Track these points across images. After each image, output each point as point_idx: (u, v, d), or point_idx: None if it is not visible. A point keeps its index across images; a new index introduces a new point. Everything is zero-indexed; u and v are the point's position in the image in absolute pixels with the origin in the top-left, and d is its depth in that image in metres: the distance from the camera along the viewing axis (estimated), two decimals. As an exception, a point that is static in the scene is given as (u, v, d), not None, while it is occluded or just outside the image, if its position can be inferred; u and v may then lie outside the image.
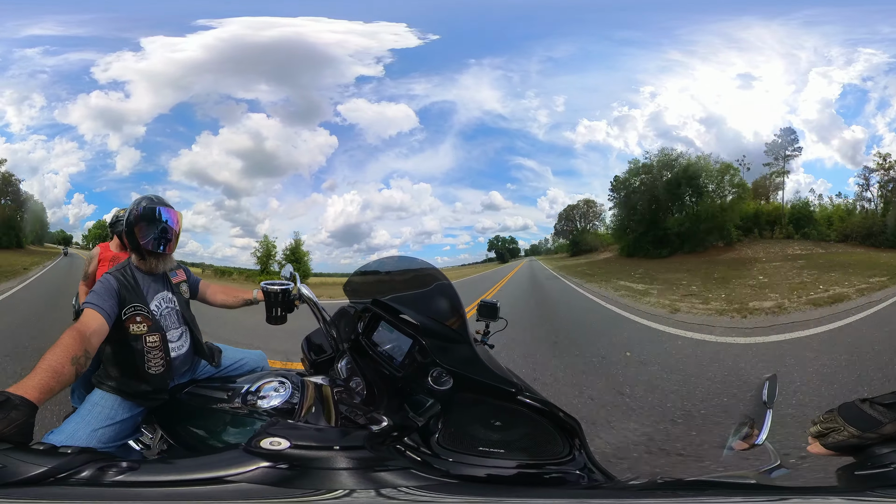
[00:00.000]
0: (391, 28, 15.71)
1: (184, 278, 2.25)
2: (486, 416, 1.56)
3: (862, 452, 1.16)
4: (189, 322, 2.17)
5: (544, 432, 1.54)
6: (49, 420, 2.76)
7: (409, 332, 1.73)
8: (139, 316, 1.95)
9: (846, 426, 1.18)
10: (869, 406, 1.17)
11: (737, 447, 1.40)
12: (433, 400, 1.58)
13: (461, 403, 1.56)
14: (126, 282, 1.98)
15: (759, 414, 1.42)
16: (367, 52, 16.09)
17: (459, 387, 1.56)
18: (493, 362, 1.70)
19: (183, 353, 2.12)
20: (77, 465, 1.10)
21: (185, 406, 2.06)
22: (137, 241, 2.04)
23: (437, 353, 1.61)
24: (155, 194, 2.16)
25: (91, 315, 1.76)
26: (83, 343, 1.58)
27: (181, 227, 2.15)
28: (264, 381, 1.97)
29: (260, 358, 2.39)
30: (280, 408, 1.85)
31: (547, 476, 1.50)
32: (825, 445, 1.21)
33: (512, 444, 1.53)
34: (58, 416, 2.95)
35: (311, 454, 1.30)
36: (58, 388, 1.39)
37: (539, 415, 1.54)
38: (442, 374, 1.59)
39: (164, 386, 2.04)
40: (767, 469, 1.31)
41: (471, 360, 1.62)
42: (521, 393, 1.55)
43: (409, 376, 1.66)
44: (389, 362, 1.75)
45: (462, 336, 1.66)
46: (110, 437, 1.90)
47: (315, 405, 1.81)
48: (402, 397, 1.66)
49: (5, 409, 1.15)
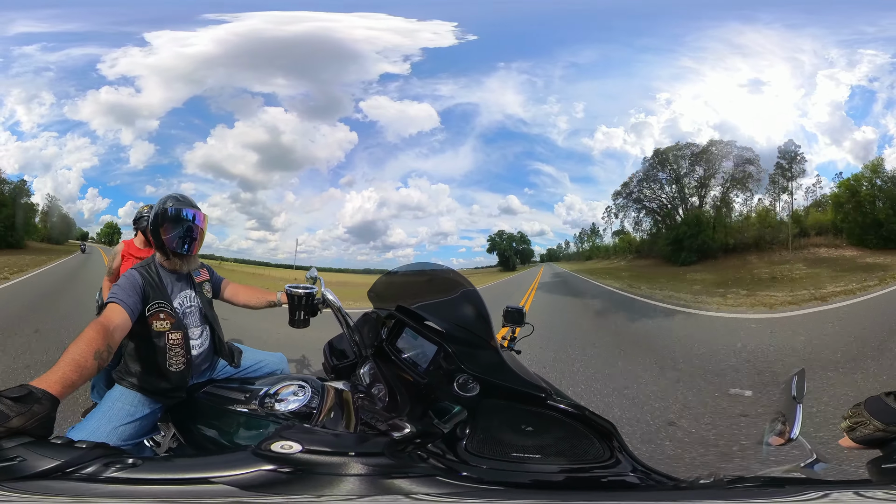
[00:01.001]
0: (439, 26, 15.72)
1: (207, 278, 2.25)
2: (516, 422, 1.53)
3: (888, 446, 1.16)
4: (211, 322, 2.17)
5: (580, 436, 1.50)
6: (67, 412, 2.77)
7: (434, 339, 1.71)
8: (163, 313, 1.96)
9: (871, 420, 1.18)
10: (893, 400, 1.18)
11: (773, 443, 1.39)
12: (460, 406, 1.54)
13: (489, 409, 1.52)
14: (150, 278, 1.99)
15: (790, 409, 1.41)
16: (395, 50, 16.05)
17: (487, 393, 1.53)
18: (521, 368, 1.67)
19: (203, 352, 2.12)
20: (88, 459, 1.10)
21: (201, 405, 2.04)
22: (162, 241, 2.05)
23: (463, 359, 1.59)
24: (181, 193, 2.17)
25: (114, 310, 1.77)
26: (106, 337, 1.58)
27: (206, 227, 2.16)
28: (284, 385, 1.95)
29: (280, 361, 2.37)
30: (298, 412, 1.82)
31: (604, 480, 1.46)
32: (853, 439, 1.22)
33: (547, 448, 1.49)
34: (75, 410, 3.00)
35: (322, 459, 1.27)
36: (80, 382, 1.39)
37: (571, 419, 1.51)
38: (468, 380, 1.56)
39: (184, 384, 2.04)
40: (808, 463, 1.31)
41: (498, 365, 1.59)
42: (552, 397, 1.52)
43: (434, 383, 1.63)
44: (414, 369, 1.73)
45: (488, 342, 1.64)
46: (131, 434, 1.90)
47: (335, 410, 1.78)
48: (426, 404, 1.63)
49: (28, 403, 1.14)
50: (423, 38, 15.99)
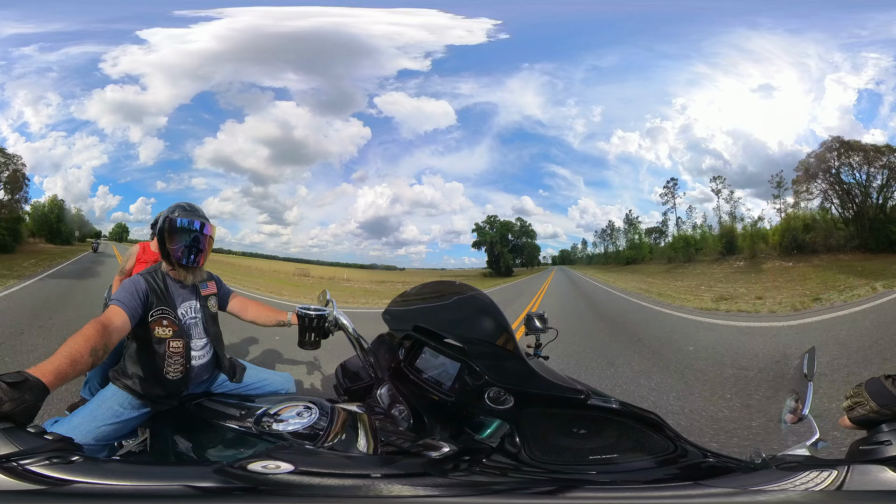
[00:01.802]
0: (476, 24, 15.71)
1: (214, 291, 2.19)
2: (566, 426, 1.53)
3: (875, 427, 1.17)
4: (212, 336, 2.10)
5: (635, 431, 1.53)
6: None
7: (455, 356, 1.70)
8: (166, 320, 1.93)
9: (869, 401, 1.19)
10: (892, 383, 1.18)
11: (789, 420, 1.43)
12: (499, 420, 1.52)
13: (532, 418, 1.51)
14: (156, 285, 1.96)
15: (802, 387, 1.44)
16: (417, 46, 16.05)
17: (522, 403, 1.53)
18: (553, 373, 1.69)
19: (203, 364, 2.06)
20: (42, 451, 1.10)
21: (188, 416, 1.96)
22: (168, 250, 2.01)
23: (490, 372, 1.59)
24: (190, 203, 2.12)
25: (115, 312, 1.77)
26: (104, 337, 1.60)
27: (214, 239, 2.10)
28: (288, 405, 1.86)
29: (286, 380, 2.25)
30: (300, 433, 1.71)
31: (704, 467, 1.46)
32: (850, 419, 1.22)
33: (615, 447, 1.51)
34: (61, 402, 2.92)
35: (320, 482, 1.19)
36: (73, 375, 1.41)
37: (617, 415, 1.54)
38: (500, 393, 1.56)
39: (179, 392, 2.00)
40: (813, 442, 1.33)
41: (528, 374, 1.61)
42: (591, 397, 1.54)
43: (463, 400, 1.62)
44: (438, 387, 1.71)
45: (512, 352, 1.65)
46: (108, 435, 1.86)
47: (347, 432, 1.70)
48: (459, 421, 1.59)
49: (21, 390, 1.17)
50: (452, 35, 15.97)
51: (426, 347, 1.86)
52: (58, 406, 2.86)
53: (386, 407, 1.82)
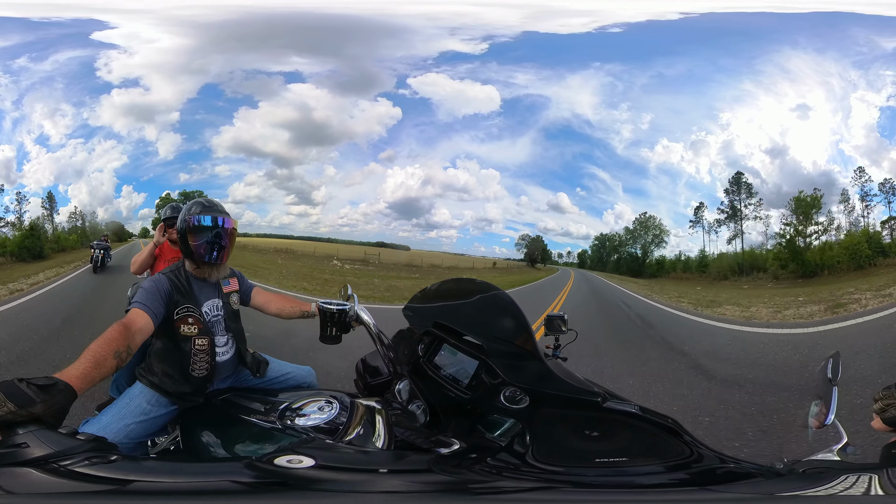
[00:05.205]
0: (570, 20, 15.36)
1: (236, 288, 2.21)
2: (578, 428, 1.53)
3: None
4: (235, 333, 2.13)
5: (651, 435, 1.49)
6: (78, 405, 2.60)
7: (474, 354, 1.70)
8: (191, 318, 1.96)
9: None
10: None
11: (813, 426, 1.41)
12: (513, 419, 1.52)
13: (545, 419, 1.51)
14: (179, 283, 1.98)
15: (826, 392, 1.41)
16: (473, 28, 15.52)
17: (537, 403, 1.53)
18: (570, 375, 1.68)
19: (227, 360, 2.09)
20: (78, 452, 1.14)
21: (216, 412, 1.99)
22: (190, 248, 2.02)
23: (507, 372, 1.60)
24: (209, 199, 2.13)
25: (138, 314, 1.80)
26: (127, 339, 1.63)
27: (237, 232, 2.13)
28: (310, 400, 1.89)
29: (308, 374, 2.30)
30: (321, 427, 1.75)
31: (720, 472, 1.44)
32: (884, 421, 1.22)
33: (625, 451, 1.49)
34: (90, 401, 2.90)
35: (341, 476, 1.24)
36: (98, 378, 1.45)
37: (633, 419, 1.53)
38: (516, 392, 1.56)
39: (204, 389, 2.03)
40: (842, 447, 1.32)
41: (545, 375, 1.60)
42: (607, 400, 1.52)
43: (479, 398, 1.62)
44: (455, 385, 1.72)
45: (531, 352, 1.65)
46: (139, 433, 1.89)
47: (365, 427, 1.73)
48: (473, 419, 1.60)
49: (51, 393, 1.20)
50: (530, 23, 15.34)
51: (445, 344, 1.87)
52: (88, 406, 2.87)
53: (404, 402, 1.84)
